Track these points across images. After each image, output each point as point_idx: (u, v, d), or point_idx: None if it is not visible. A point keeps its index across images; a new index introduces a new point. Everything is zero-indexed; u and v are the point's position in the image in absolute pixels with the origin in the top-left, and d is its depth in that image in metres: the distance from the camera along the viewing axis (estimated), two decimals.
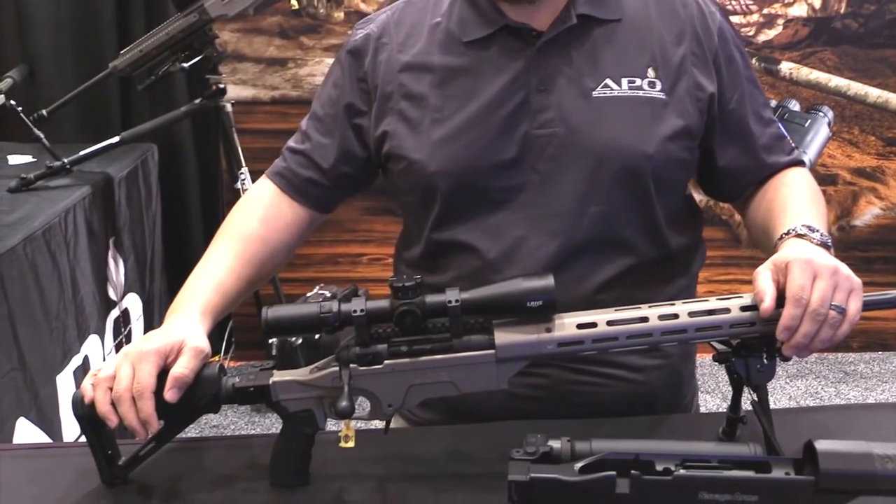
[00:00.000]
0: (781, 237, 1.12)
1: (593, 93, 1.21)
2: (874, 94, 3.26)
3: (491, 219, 1.24)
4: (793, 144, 1.34)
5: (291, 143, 1.35)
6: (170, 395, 1.03)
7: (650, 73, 1.22)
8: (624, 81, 1.22)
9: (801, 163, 1.32)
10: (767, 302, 1.00)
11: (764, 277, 1.03)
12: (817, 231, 1.11)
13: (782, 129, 1.35)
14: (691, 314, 1.02)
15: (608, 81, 1.21)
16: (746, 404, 1.06)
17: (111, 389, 1.03)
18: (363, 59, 1.29)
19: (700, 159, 1.29)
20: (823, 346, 1.01)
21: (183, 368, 1.04)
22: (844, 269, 1.02)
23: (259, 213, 1.30)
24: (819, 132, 2.44)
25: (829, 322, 0.99)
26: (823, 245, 1.09)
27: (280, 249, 1.30)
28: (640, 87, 1.22)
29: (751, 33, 3.22)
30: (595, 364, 1.25)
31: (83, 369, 2.31)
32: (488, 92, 1.22)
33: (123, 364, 1.04)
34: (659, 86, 1.22)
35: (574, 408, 1.23)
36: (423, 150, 1.24)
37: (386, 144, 1.27)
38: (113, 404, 1.03)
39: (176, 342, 1.06)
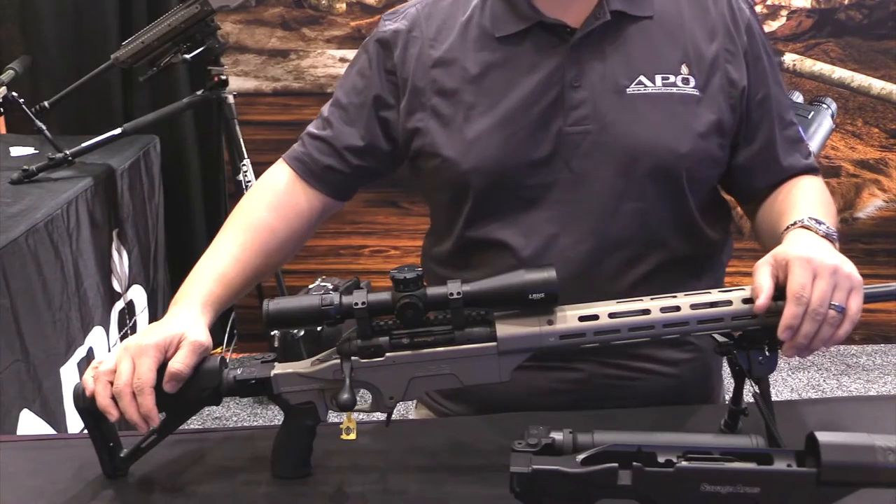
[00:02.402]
0: (787, 228, 1.12)
1: (627, 90, 1.21)
2: (878, 85, 3.24)
3: (524, 216, 1.23)
4: (810, 149, 1.34)
5: (312, 128, 1.33)
6: (166, 389, 1.03)
7: (683, 69, 1.22)
8: (658, 78, 1.21)
9: (815, 170, 1.31)
10: (762, 300, 1.00)
11: (763, 273, 1.02)
12: (823, 224, 1.11)
13: (801, 132, 1.34)
14: (693, 306, 1.01)
15: (642, 78, 1.21)
16: (748, 396, 1.06)
17: (111, 383, 1.03)
18: (392, 52, 1.28)
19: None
20: (824, 345, 1.01)
21: (179, 364, 1.04)
22: (845, 268, 1.02)
23: (271, 200, 1.28)
24: (822, 124, 2.44)
25: (829, 321, 0.99)
26: (828, 237, 1.09)
27: (290, 239, 1.28)
28: (673, 84, 1.21)
29: None
30: (629, 358, 1.25)
31: (87, 361, 2.32)
32: (522, 88, 1.22)
33: (123, 358, 1.04)
34: (692, 82, 1.22)
35: (607, 402, 1.23)
36: (456, 148, 1.23)
37: (417, 141, 1.26)
38: (113, 398, 1.03)
39: (175, 335, 1.06)
